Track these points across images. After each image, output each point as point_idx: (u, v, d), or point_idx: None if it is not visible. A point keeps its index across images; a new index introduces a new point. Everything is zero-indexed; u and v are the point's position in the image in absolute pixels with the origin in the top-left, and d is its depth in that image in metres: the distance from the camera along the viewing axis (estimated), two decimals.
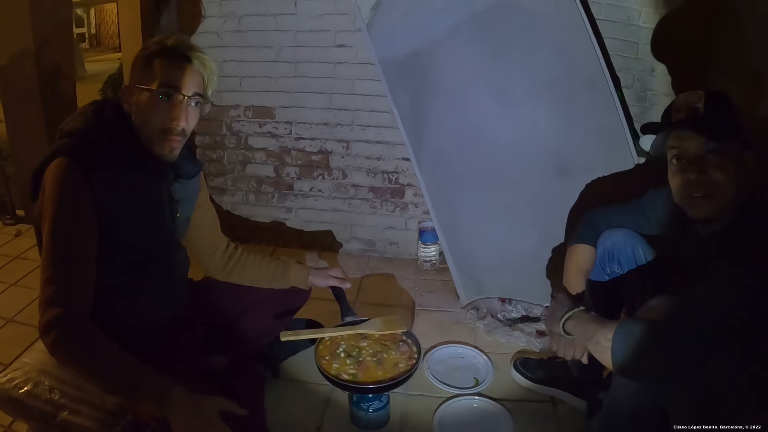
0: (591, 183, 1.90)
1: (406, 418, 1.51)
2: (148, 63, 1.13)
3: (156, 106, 1.12)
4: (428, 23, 1.99)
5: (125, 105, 1.16)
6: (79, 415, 1.15)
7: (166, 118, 1.13)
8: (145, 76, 1.13)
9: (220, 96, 2.44)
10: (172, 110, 1.13)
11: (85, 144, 1.10)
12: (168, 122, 1.13)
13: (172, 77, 1.13)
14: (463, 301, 2.07)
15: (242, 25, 2.32)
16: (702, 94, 1.11)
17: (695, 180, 1.11)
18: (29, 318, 1.93)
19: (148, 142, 1.15)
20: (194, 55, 1.15)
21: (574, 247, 1.47)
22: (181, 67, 1.14)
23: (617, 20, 2.02)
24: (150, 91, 1.12)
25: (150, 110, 1.13)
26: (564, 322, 1.24)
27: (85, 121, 1.13)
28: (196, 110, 1.18)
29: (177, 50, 1.14)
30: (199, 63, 1.16)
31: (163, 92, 1.12)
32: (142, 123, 1.14)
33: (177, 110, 1.13)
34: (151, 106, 1.12)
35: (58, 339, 0.99)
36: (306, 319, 1.78)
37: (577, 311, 1.23)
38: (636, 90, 2.10)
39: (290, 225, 2.59)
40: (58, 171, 1.06)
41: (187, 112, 1.15)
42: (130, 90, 1.15)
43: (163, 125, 1.13)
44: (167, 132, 1.14)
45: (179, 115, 1.14)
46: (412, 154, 2.02)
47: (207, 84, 1.19)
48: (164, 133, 1.14)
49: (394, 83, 2.00)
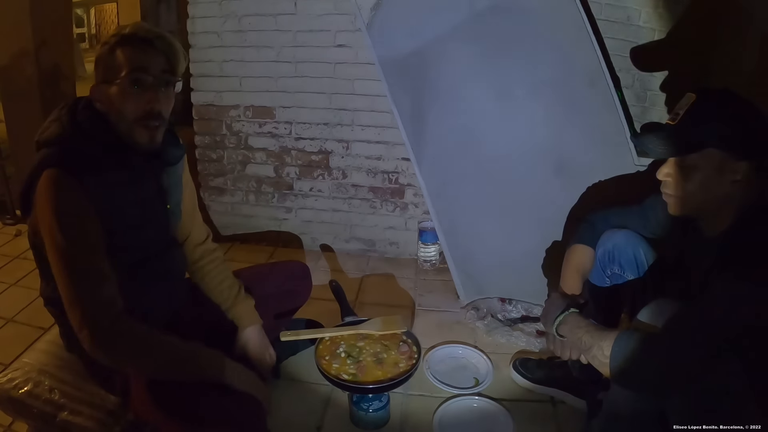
0: (592, 186, 1.90)
1: (406, 418, 1.51)
2: (111, 56, 1.10)
3: (128, 96, 1.10)
4: (428, 23, 1.99)
5: (98, 104, 1.13)
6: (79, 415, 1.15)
7: (140, 105, 1.10)
8: (111, 70, 1.10)
9: (220, 96, 2.44)
10: (146, 96, 1.10)
11: (69, 150, 1.08)
12: (143, 107, 1.10)
13: (137, 61, 1.10)
14: (463, 301, 2.07)
15: (242, 25, 2.32)
16: (692, 98, 1.09)
17: (663, 178, 1.14)
18: (29, 318, 1.93)
19: (128, 135, 1.12)
20: (154, 35, 1.12)
21: (572, 248, 1.47)
22: (143, 50, 1.11)
23: (617, 20, 2.02)
24: (118, 82, 1.09)
25: (123, 101, 1.10)
26: (556, 326, 1.24)
27: (61, 128, 1.11)
28: (169, 91, 1.15)
29: (136, 36, 1.11)
30: (161, 42, 1.12)
31: (132, 78, 1.09)
32: (118, 117, 1.11)
33: (149, 93, 1.11)
34: (123, 96, 1.10)
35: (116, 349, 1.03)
36: (306, 319, 1.78)
37: (568, 315, 1.23)
38: (636, 90, 2.10)
39: (290, 225, 2.59)
40: (51, 183, 1.04)
41: (160, 94, 1.12)
42: (99, 88, 1.12)
43: (138, 112, 1.10)
44: (145, 118, 1.11)
45: (153, 97, 1.11)
46: (412, 154, 2.02)
47: (174, 63, 1.15)
48: (142, 120, 1.11)
49: (394, 83, 2.00)
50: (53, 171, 1.04)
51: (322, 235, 2.58)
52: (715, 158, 1.05)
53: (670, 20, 1.98)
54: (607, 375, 1.07)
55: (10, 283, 2.21)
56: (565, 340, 1.23)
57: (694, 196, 1.10)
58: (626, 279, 1.41)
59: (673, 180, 1.12)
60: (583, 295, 1.44)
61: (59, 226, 1.02)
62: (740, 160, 1.04)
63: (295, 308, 1.65)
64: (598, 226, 1.43)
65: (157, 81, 1.12)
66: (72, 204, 1.04)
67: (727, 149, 1.04)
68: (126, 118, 1.11)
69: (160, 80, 1.12)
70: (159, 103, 1.12)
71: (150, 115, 1.12)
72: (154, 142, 1.15)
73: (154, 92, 1.11)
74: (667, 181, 1.14)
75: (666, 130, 1.11)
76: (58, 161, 1.06)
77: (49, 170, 1.05)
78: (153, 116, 1.12)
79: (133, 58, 1.10)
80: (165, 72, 1.13)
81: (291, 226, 2.60)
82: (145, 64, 1.10)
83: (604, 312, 1.47)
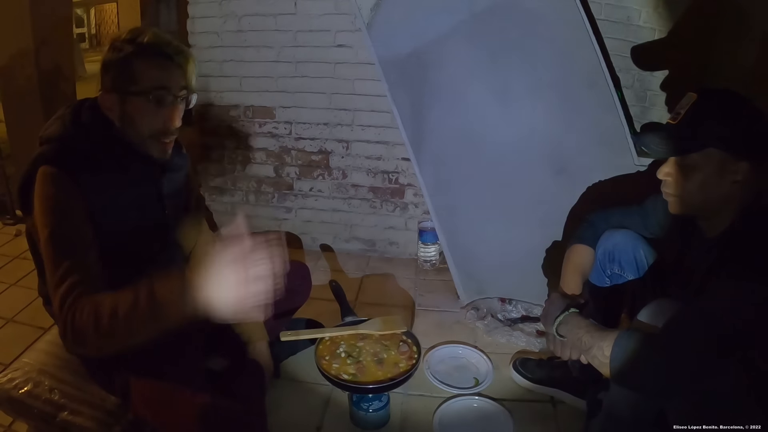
0: (592, 185, 1.90)
1: (406, 418, 1.51)
2: (127, 66, 1.08)
3: (147, 112, 1.09)
4: (428, 23, 1.99)
5: (107, 112, 1.12)
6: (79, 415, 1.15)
7: (158, 122, 1.10)
8: (127, 80, 1.08)
9: (220, 96, 2.44)
10: (164, 113, 1.10)
11: (67, 149, 1.08)
12: (161, 125, 1.11)
13: (159, 79, 1.08)
14: (463, 301, 2.07)
15: (242, 25, 2.32)
16: (693, 98, 1.09)
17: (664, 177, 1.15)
18: (29, 318, 1.93)
19: (139, 146, 1.12)
20: (174, 50, 1.11)
21: (572, 248, 1.47)
22: (164, 66, 1.09)
23: (617, 20, 2.01)
24: (137, 97, 1.08)
25: (140, 116, 1.09)
26: (556, 326, 1.24)
27: (63, 127, 1.11)
28: (183, 104, 1.16)
29: (155, 48, 1.08)
30: (181, 57, 1.11)
31: (154, 97, 1.08)
32: (131, 128, 1.11)
33: (169, 112, 1.11)
34: (141, 112, 1.09)
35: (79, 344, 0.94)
36: (306, 318, 1.78)
37: (568, 315, 1.23)
38: (636, 90, 2.10)
39: (290, 225, 2.59)
40: (47, 179, 1.04)
41: (177, 111, 1.13)
42: (111, 98, 1.10)
43: (156, 129, 1.11)
44: (162, 135, 1.12)
45: (173, 117, 1.11)
46: (412, 154, 2.02)
47: (191, 78, 1.15)
48: (158, 136, 1.12)
49: (394, 83, 2.00)
50: (48, 167, 1.05)
51: (322, 235, 2.58)
52: (716, 158, 1.05)
53: (670, 20, 1.98)
54: (607, 375, 1.07)
55: (10, 283, 2.21)
56: (565, 340, 1.23)
57: (695, 195, 1.10)
58: (626, 279, 1.41)
59: (674, 179, 1.13)
60: (583, 295, 1.44)
61: (49, 221, 1.02)
62: (741, 161, 1.05)
63: (295, 308, 1.65)
64: (599, 226, 1.43)
65: (177, 99, 1.11)
66: (62, 200, 1.04)
67: (728, 149, 1.04)
68: (141, 133, 1.11)
69: (179, 98, 1.12)
70: (177, 121, 1.13)
71: (168, 132, 1.12)
72: (166, 154, 1.17)
73: (173, 110, 1.11)
74: (668, 180, 1.14)
75: (667, 129, 1.11)
76: (54, 158, 1.06)
77: (45, 166, 1.05)
78: (169, 133, 1.13)
79: (154, 75, 1.08)
80: (183, 89, 1.12)
81: (291, 226, 2.60)
82: (167, 83, 1.09)
83: (604, 312, 1.47)
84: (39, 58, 2.51)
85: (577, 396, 1.52)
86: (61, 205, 1.03)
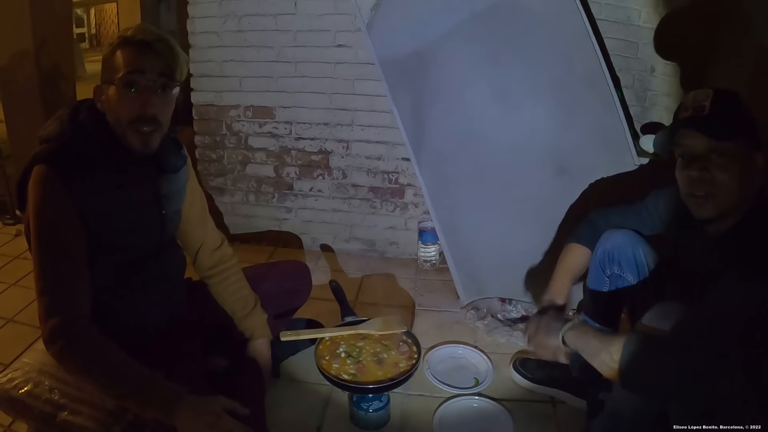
0: (592, 184, 1.90)
1: (406, 418, 1.51)
2: (112, 57, 1.11)
3: (123, 98, 1.09)
4: (428, 23, 1.99)
5: (98, 104, 1.14)
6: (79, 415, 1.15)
7: (134, 107, 1.09)
8: (111, 71, 1.10)
9: (220, 96, 2.44)
10: (139, 98, 1.09)
11: (63, 149, 1.08)
12: (137, 110, 1.09)
13: (133, 63, 1.09)
14: (463, 301, 2.07)
15: (242, 25, 2.32)
16: (710, 92, 1.09)
17: (697, 178, 1.10)
18: (29, 318, 1.93)
19: (122, 138, 1.12)
20: (154, 38, 1.11)
21: (568, 247, 1.46)
22: (141, 52, 1.10)
23: (617, 20, 2.02)
24: (116, 83, 1.09)
25: (118, 103, 1.09)
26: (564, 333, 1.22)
27: (61, 126, 1.11)
28: (167, 96, 1.14)
29: (136, 38, 1.10)
30: (161, 45, 1.11)
31: (127, 79, 1.08)
32: (114, 119, 1.11)
33: (143, 96, 1.10)
34: (119, 98, 1.09)
35: (64, 348, 1.00)
36: (306, 318, 1.78)
37: (577, 323, 1.22)
38: (636, 90, 2.10)
39: (290, 225, 2.59)
40: (38, 180, 1.06)
41: (155, 97, 1.11)
42: (100, 88, 1.13)
43: (132, 115, 1.10)
44: (137, 121, 1.10)
45: (147, 100, 1.10)
46: (412, 154, 2.02)
47: (174, 66, 1.14)
48: (134, 123, 1.10)
49: (394, 83, 2.00)
50: (42, 168, 1.06)
51: (322, 235, 2.58)
52: (745, 149, 1.07)
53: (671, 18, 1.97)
54: (615, 379, 1.05)
55: (10, 283, 2.21)
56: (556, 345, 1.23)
57: (733, 191, 1.08)
58: (626, 279, 1.40)
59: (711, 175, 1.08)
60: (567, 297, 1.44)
61: (38, 220, 1.04)
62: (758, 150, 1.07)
63: (294, 308, 1.65)
64: (599, 225, 1.43)
65: (153, 84, 1.10)
66: (53, 201, 1.05)
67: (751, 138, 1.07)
68: (120, 121, 1.11)
69: (155, 83, 1.11)
70: (153, 107, 1.11)
71: (143, 119, 1.10)
72: (147, 147, 1.14)
73: (149, 95, 1.10)
74: (704, 176, 1.09)
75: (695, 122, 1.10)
76: (48, 158, 1.07)
77: (39, 166, 1.06)
78: (146, 120, 1.11)
79: (130, 60, 1.09)
80: (162, 75, 1.12)
81: (291, 226, 2.60)
82: (142, 66, 1.09)
83: (604, 313, 1.47)
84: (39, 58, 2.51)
85: (577, 396, 1.52)
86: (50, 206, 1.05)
